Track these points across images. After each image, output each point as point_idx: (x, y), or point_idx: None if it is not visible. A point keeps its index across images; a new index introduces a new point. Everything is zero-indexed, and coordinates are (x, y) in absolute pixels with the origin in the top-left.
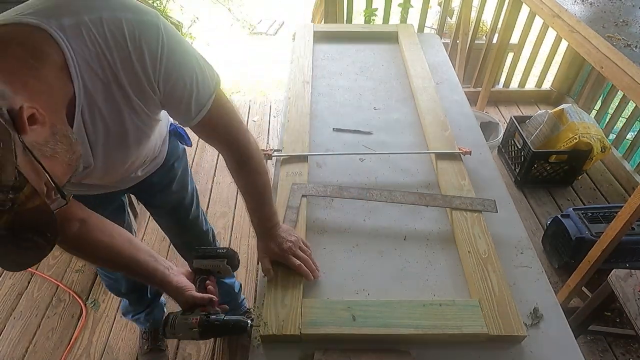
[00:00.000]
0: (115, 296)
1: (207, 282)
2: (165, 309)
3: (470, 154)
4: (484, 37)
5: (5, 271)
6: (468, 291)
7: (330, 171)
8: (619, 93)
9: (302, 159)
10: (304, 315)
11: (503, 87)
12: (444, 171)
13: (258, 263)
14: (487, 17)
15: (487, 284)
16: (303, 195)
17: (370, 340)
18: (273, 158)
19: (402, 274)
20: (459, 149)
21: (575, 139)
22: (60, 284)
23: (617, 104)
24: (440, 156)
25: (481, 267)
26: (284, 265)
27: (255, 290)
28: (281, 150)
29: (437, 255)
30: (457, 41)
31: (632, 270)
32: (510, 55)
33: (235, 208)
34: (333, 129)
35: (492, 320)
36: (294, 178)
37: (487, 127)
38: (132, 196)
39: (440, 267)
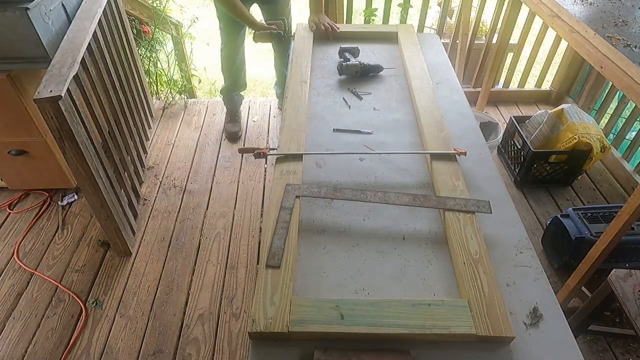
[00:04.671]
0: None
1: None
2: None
3: (466, 155)
4: (484, 37)
5: (5, 271)
6: (459, 291)
7: (329, 171)
8: (618, 93)
9: (297, 158)
10: (292, 313)
11: (503, 87)
12: (438, 172)
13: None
14: (487, 17)
15: (477, 284)
16: (297, 196)
17: (359, 339)
18: (268, 157)
19: (402, 273)
20: (454, 150)
21: (575, 139)
22: (59, 285)
23: (616, 104)
24: (435, 157)
25: (472, 268)
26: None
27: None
28: (277, 149)
29: (437, 255)
30: (457, 41)
31: (632, 270)
32: (510, 55)
33: (235, 208)
34: (333, 129)
35: (480, 320)
36: (288, 177)
37: (487, 127)
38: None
39: (440, 267)
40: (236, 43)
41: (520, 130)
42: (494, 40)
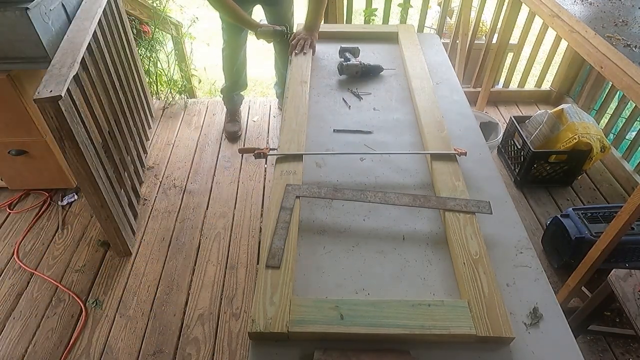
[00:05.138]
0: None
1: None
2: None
3: (466, 155)
4: (484, 37)
5: (5, 271)
6: (459, 292)
7: (329, 171)
8: (618, 93)
9: (297, 158)
10: (292, 313)
11: (503, 87)
12: (438, 172)
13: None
14: (487, 17)
15: (477, 284)
16: (297, 197)
17: (359, 340)
18: (269, 157)
19: (402, 273)
20: (454, 150)
21: (575, 139)
22: (59, 285)
23: (616, 104)
24: (436, 157)
25: (472, 268)
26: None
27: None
28: (277, 150)
29: (437, 255)
30: (457, 41)
31: (632, 270)
32: (510, 55)
33: (235, 208)
34: (333, 129)
35: (480, 321)
36: (288, 177)
37: (487, 127)
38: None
39: (440, 267)
40: (238, 43)
41: (520, 130)
42: (494, 40)
